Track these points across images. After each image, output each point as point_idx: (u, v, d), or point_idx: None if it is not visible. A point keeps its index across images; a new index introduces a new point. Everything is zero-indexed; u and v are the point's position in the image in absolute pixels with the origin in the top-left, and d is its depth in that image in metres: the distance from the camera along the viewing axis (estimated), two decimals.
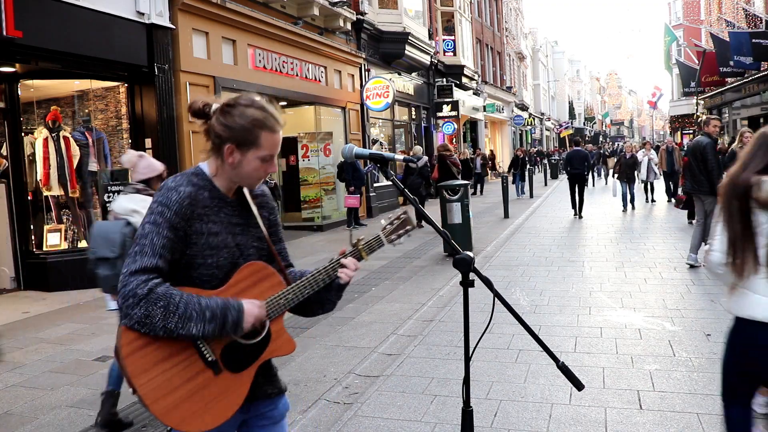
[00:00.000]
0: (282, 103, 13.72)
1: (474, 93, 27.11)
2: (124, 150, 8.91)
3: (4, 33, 6.41)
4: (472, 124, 28.74)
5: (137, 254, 1.62)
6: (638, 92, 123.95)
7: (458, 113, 22.11)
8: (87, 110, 8.93)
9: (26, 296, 7.67)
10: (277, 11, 11.88)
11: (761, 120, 20.22)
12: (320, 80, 13.71)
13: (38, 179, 8.19)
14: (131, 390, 1.61)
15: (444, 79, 22.36)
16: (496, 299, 1.85)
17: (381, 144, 18.00)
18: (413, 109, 20.43)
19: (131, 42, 8.25)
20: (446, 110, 21.83)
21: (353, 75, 15.48)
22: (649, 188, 15.97)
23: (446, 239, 1.95)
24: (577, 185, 13.77)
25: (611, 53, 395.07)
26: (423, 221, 2.09)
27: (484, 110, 29.40)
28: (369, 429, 3.56)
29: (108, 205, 8.70)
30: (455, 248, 1.87)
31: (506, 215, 14.13)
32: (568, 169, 14.17)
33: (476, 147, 27.23)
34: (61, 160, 8.25)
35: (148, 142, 8.68)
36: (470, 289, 1.87)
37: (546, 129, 55.12)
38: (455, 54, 23.21)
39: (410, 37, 17.29)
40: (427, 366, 4.55)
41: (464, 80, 24.32)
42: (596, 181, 25.47)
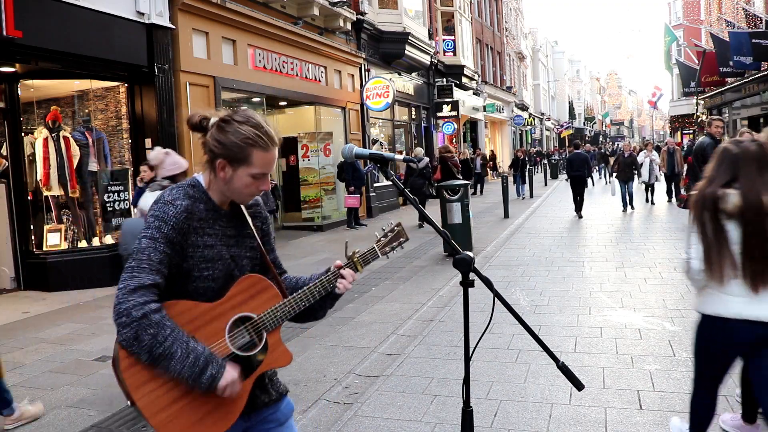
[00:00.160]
0: (282, 103, 13.76)
1: (474, 93, 27.11)
2: (124, 150, 8.92)
3: (4, 33, 6.41)
4: (472, 124, 28.75)
5: (134, 269, 1.62)
6: (638, 92, 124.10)
7: (458, 113, 22.11)
8: (87, 110, 8.92)
9: (26, 296, 7.67)
10: (277, 11, 11.88)
11: (761, 120, 20.22)
12: (320, 80, 13.71)
13: (38, 179, 8.19)
14: (129, 402, 1.62)
15: (444, 79, 22.36)
16: (496, 299, 1.85)
17: (381, 144, 18.00)
18: (413, 109, 20.43)
19: (131, 42, 8.25)
20: (446, 110, 21.84)
21: (353, 75, 15.48)
22: (650, 190, 15.96)
23: (446, 239, 1.95)
24: (578, 187, 13.86)
25: (611, 53, 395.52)
26: (423, 221, 2.07)
27: (484, 110, 29.40)
28: (369, 429, 3.56)
29: (108, 206, 8.73)
30: (455, 248, 1.87)
31: (506, 215, 14.13)
32: (569, 172, 14.21)
33: (476, 147, 27.23)
34: (61, 160, 8.25)
35: (148, 142, 8.67)
36: (470, 289, 1.87)
37: (546, 129, 55.12)
38: (455, 54, 23.21)
39: (410, 37, 17.29)
40: (427, 366, 4.55)
41: (464, 80, 24.32)
42: (597, 182, 25.46)
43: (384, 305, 6.49)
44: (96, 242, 8.62)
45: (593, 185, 23.21)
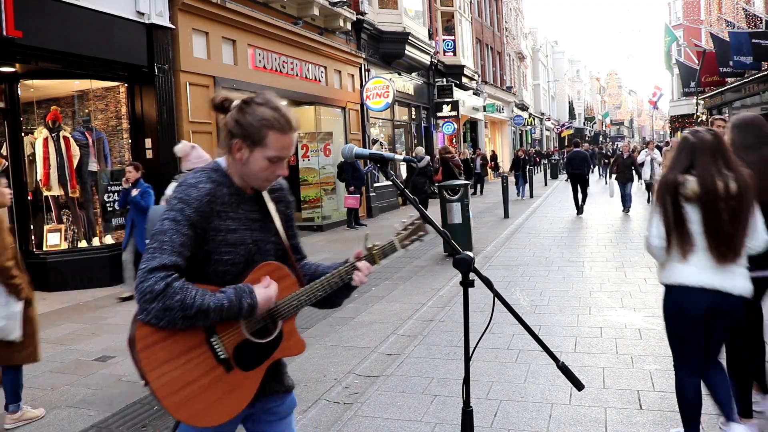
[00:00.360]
0: (282, 103, 13.75)
1: (474, 93, 27.11)
2: (124, 150, 8.92)
3: (4, 33, 6.41)
4: (472, 124, 28.74)
5: (156, 250, 1.63)
6: (638, 92, 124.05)
7: (458, 113, 22.11)
8: (87, 110, 8.93)
9: None
10: (277, 11, 11.88)
11: None
12: (320, 80, 13.71)
13: (38, 179, 8.19)
14: (143, 382, 1.63)
15: (444, 79, 22.36)
16: (496, 299, 1.85)
17: (381, 144, 18.00)
18: (413, 109, 20.43)
19: (131, 42, 8.25)
20: (446, 110, 21.83)
21: (353, 75, 15.48)
22: (651, 189, 15.92)
23: (446, 239, 1.94)
24: (579, 185, 14.01)
25: (611, 53, 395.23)
26: (423, 221, 2.08)
27: (484, 110, 29.40)
28: (369, 429, 3.56)
29: (108, 206, 8.73)
30: (455, 248, 1.87)
31: (506, 215, 14.13)
32: (569, 170, 14.23)
33: (476, 147, 27.24)
34: (61, 160, 8.25)
35: (148, 142, 8.68)
36: (470, 289, 1.87)
37: (546, 129, 55.11)
38: (455, 54, 23.21)
39: (410, 37, 17.29)
40: (427, 366, 4.55)
41: (464, 80, 24.32)
42: (597, 181, 25.45)
43: (384, 305, 6.49)
44: (96, 242, 8.62)
45: (588, 185, 23.15)
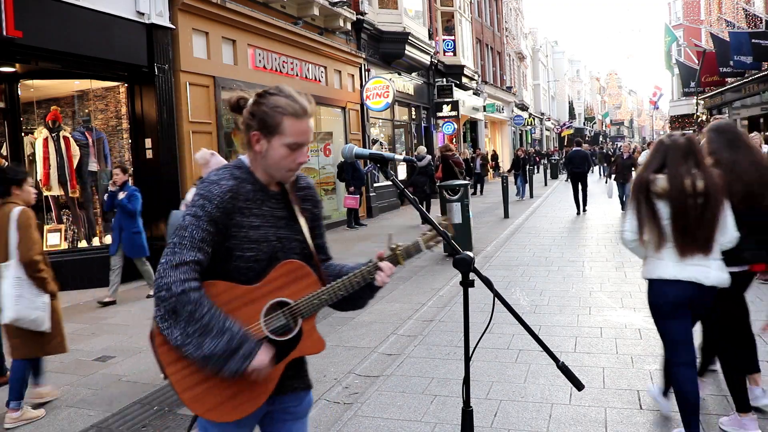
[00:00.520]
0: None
1: (474, 93, 27.11)
2: (124, 150, 8.92)
3: (4, 33, 6.41)
4: (472, 124, 28.74)
5: (176, 246, 1.63)
6: (638, 92, 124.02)
7: (458, 113, 22.10)
8: (87, 110, 8.93)
9: None
10: (277, 11, 11.88)
11: (761, 120, 20.22)
12: (320, 80, 13.71)
13: (38, 179, 8.19)
14: (162, 375, 1.65)
15: (444, 79, 22.35)
16: (496, 299, 1.85)
17: (381, 144, 18.00)
18: (413, 109, 20.43)
19: (131, 42, 8.25)
20: (446, 110, 21.83)
21: (353, 75, 15.48)
22: None
23: (446, 239, 1.94)
24: (580, 183, 14.09)
25: (611, 53, 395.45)
26: (423, 221, 2.07)
27: (484, 110, 29.39)
28: (369, 429, 3.56)
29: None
30: (455, 248, 1.87)
31: (506, 215, 14.14)
32: (570, 169, 14.25)
33: (476, 147, 27.24)
34: (61, 160, 8.26)
35: (148, 142, 8.68)
36: (470, 289, 1.87)
37: (546, 129, 55.11)
38: (455, 54, 23.21)
39: (410, 37, 17.29)
40: (427, 366, 4.55)
41: (464, 80, 24.31)
42: (597, 180, 25.44)
43: (384, 305, 6.49)
44: (96, 242, 8.62)
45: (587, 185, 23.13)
